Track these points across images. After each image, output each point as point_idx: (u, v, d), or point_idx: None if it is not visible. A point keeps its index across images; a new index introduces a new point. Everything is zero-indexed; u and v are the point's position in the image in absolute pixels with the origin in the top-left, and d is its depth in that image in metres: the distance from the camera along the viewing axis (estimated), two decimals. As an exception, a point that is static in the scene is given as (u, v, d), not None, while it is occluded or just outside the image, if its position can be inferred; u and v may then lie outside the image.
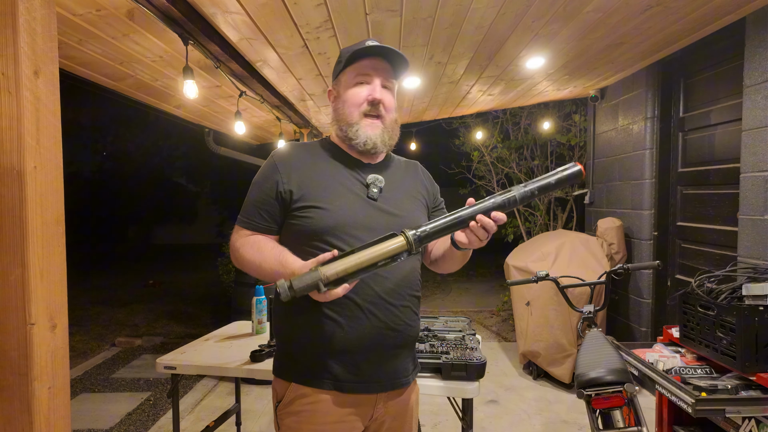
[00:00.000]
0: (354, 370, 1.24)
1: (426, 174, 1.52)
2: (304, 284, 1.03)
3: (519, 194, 1.10)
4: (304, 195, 1.25)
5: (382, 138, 1.31)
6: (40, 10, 1.09)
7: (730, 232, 2.76)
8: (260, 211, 1.29)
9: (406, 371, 1.33)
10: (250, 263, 1.26)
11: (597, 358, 1.92)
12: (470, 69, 3.26)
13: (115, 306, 7.17)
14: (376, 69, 1.31)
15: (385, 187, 1.31)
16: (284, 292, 1.03)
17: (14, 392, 1.06)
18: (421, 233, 1.07)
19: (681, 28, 2.65)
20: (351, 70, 1.32)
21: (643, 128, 3.54)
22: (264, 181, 1.31)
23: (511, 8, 2.26)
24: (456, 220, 1.09)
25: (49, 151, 1.12)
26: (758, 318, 1.69)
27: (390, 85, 1.34)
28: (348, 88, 1.32)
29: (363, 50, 1.28)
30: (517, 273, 3.79)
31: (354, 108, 1.30)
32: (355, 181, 1.31)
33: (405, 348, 1.32)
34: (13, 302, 1.05)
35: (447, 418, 3.20)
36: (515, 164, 5.41)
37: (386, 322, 1.25)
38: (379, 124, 1.31)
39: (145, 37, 2.30)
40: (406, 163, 1.50)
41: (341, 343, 1.22)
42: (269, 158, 1.35)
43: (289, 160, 1.31)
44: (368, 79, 1.31)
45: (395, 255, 1.06)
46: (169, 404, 3.58)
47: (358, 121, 1.30)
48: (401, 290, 1.29)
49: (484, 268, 9.80)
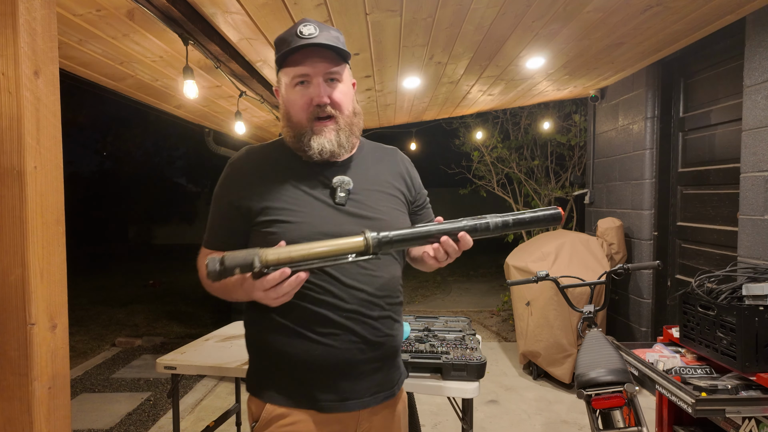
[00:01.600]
0: (333, 388, 1.14)
1: (406, 163, 1.36)
2: (237, 261, 0.94)
3: (492, 223, 1.05)
4: (265, 208, 1.14)
5: (338, 141, 1.16)
6: (40, 10, 1.09)
7: (730, 232, 2.76)
8: (219, 228, 1.21)
9: (390, 383, 1.23)
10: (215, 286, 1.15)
11: (597, 358, 1.92)
12: (470, 69, 3.26)
13: (115, 306, 7.17)
14: (314, 64, 1.14)
15: (354, 188, 1.18)
16: (213, 267, 0.93)
17: (14, 392, 1.06)
18: (382, 237, 0.99)
19: (681, 28, 2.65)
20: (288, 68, 1.16)
21: (643, 128, 3.54)
22: (222, 195, 1.21)
23: (511, 8, 2.26)
24: (423, 234, 1.04)
25: (49, 151, 1.12)
26: (758, 318, 1.69)
27: (335, 75, 1.16)
28: (288, 91, 1.17)
29: (291, 50, 1.13)
30: (517, 273, 3.80)
31: (300, 113, 1.16)
32: (319, 186, 1.18)
33: (387, 360, 1.21)
34: (13, 302, 1.05)
35: (447, 418, 3.20)
36: (515, 164, 5.41)
37: (365, 336, 1.14)
38: (332, 126, 1.16)
39: (145, 37, 2.30)
40: (382, 152, 1.33)
41: (318, 361, 1.13)
42: (225, 170, 1.24)
43: (245, 171, 1.20)
44: (307, 78, 1.15)
45: (347, 252, 0.98)
46: (169, 404, 3.58)
47: (308, 127, 1.16)
48: (379, 300, 1.17)
49: (484, 268, 9.81)
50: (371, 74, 3.25)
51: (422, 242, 1.05)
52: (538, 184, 5.36)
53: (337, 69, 1.17)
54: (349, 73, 1.23)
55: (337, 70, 1.17)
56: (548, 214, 1.07)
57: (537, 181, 5.39)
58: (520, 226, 1.07)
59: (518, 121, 5.45)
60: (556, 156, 5.35)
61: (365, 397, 1.17)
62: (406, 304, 6.89)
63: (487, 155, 5.53)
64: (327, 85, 1.16)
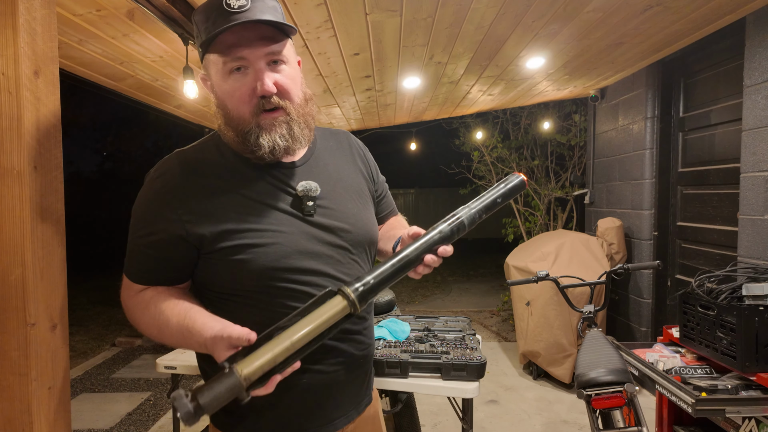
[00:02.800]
0: (320, 413, 1.03)
1: (361, 147, 1.20)
2: (218, 397, 0.74)
3: (467, 217, 0.95)
4: (224, 232, 0.93)
5: (291, 135, 0.96)
6: (40, 10, 1.09)
7: (730, 232, 2.76)
8: (150, 261, 0.96)
9: (368, 388, 1.15)
10: (147, 327, 0.95)
11: (597, 358, 1.92)
12: (470, 69, 3.26)
13: (115, 306, 7.16)
14: (252, 45, 0.91)
15: (321, 193, 1.01)
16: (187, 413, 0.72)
17: (14, 392, 1.05)
18: (364, 289, 0.84)
19: (681, 28, 2.65)
20: (217, 53, 0.93)
21: (643, 128, 3.54)
22: (152, 220, 0.95)
23: (511, 8, 2.26)
24: (404, 263, 0.90)
25: (49, 151, 1.12)
26: (758, 318, 1.69)
27: (279, 55, 0.95)
28: (222, 80, 0.95)
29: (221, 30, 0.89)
30: (517, 273, 3.79)
31: (241, 107, 0.94)
32: (282, 195, 0.99)
33: (369, 369, 1.14)
34: (13, 302, 1.05)
35: (447, 418, 3.20)
36: (515, 164, 5.41)
37: (351, 353, 1.04)
38: (282, 117, 0.96)
39: (145, 37, 2.30)
40: (335, 139, 1.15)
41: (304, 389, 1.00)
42: (154, 180, 0.98)
43: (186, 186, 0.95)
44: (245, 63, 0.93)
45: (335, 325, 0.83)
46: (169, 404, 3.58)
47: (253, 123, 0.95)
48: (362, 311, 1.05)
49: (484, 268, 9.81)
50: (371, 74, 3.24)
51: (406, 271, 0.91)
52: (538, 184, 5.36)
53: (279, 48, 0.94)
54: (293, 50, 1.01)
55: (279, 50, 0.94)
56: (513, 185, 1.02)
57: (537, 181, 5.39)
58: (493, 209, 0.99)
59: (518, 121, 5.45)
60: (556, 156, 5.35)
61: (350, 410, 1.08)
62: (406, 304, 6.89)
63: (487, 155, 5.53)
64: (270, 69, 0.94)
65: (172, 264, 0.97)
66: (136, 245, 0.99)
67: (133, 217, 1.00)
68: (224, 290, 0.98)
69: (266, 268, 0.93)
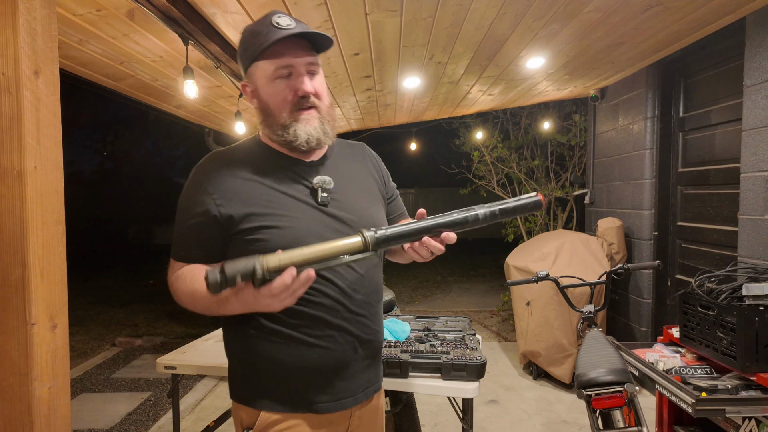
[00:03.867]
0: (329, 389, 1.14)
1: (374, 156, 1.37)
2: (239, 270, 0.89)
3: (481, 213, 1.05)
4: (249, 215, 1.09)
5: (323, 130, 1.15)
6: (40, 10, 1.09)
7: (730, 232, 2.76)
8: (192, 240, 1.13)
9: (377, 377, 1.28)
10: (183, 295, 1.10)
11: (597, 358, 1.92)
12: (470, 69, 3.26)
13: (115, 306, 7.17)
14: (296, 54, 1.11)
15: (334, 188, 1.17)
16: (214, 278, 0.88)
17: (14, 392, 1.06)
18: (380, 236, 0.99)
19: (681, 28, 2.65)
20: (265, 60, 1.11)
21: (643, 128, 3.54)
22: (193, 205, 1.12)
23: (512, 8, 2.26)
24: (420, 229, 1.02)
25: (49, 151, 1.12)
26: (758, 318, 1.69)
27: (315, 67, 1.15)
28: (268, 84, 1.13)
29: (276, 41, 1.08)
30: (518, 273, 3.80)
31: (283, 106, 1.13)
32: (300, 187, 1.15)
33: (376, 355, 1.26)
34: (13, 302, 1.05)
35: (447, 418, 3.20)
36: (515, 164, 5.41)
37: (359, 336, 1.17)
38: (316, 114, 1.14)
39: (145, 37, 2.30)
40: (351, 148, 1.33)
41: (314, 364, 1.12)
42: (193, 176, 1.16)
43: (219, 177, 1.13)
44: (290, 70, 1.11)
45: (346, 252, 0.97)
46: (170, 404, 3.58)
47: (290, 119, 1.13)
48: (370, 298, 1.19)
49: (484, 268, 9.81)
50: (371, 74, 3.24)
51: (418, 237, 1.03)
52: (538, 184, 5.36)
53: (316, 60, 1.15)
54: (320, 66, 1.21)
55: (317, 61, 1.15)
56: (530, 201, 1.08)
57: (537, 181, 5.39)
58: (506, 215, 1.07)
59: (518, 121, 5.45)
60: (556, 156, 5.35)
61: (358, 393, 1.19)
62: (406, 304, 6.89)
63: (487, 155, 5.53)
64: (309, 76, 1.14)
65: (207, 243, 1.12)
66: (178, 230, 1.15)
67: (179, 207, 1.16)
68: None
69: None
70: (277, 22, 1.09)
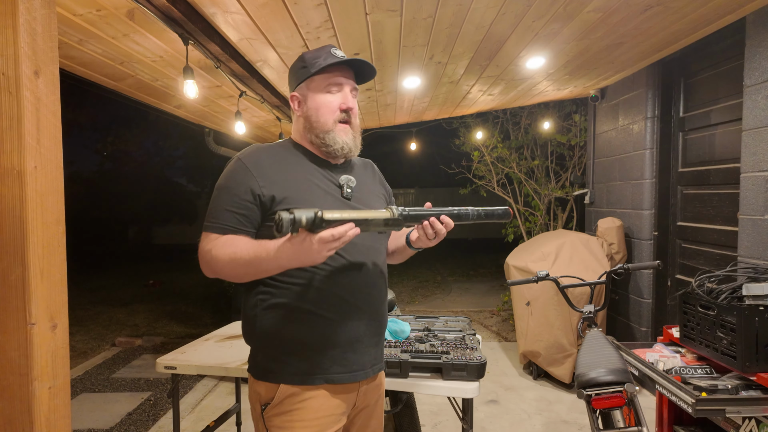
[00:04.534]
0: (343, 362, 1.29)
1: (380, 174, 1.59)
2: (305, 214, 1.03)
3: (472, 211, 1.30)
4: (285, 198, 1.26)
5: (354, 142, 1.38)
6: (40, 10, 1.09)
7: (730, 232, 2.76)
8: (235, 215, 1.26)
9: (382, 355, 1.44)
10: (222, 259, 1.21)
11: (597, 358, 1.92)
12: (470, 69, 3.26)
13: (115, 306, 7.17)
14: (347, 76, 1.37)
15: (355, 187, 1.38)
16: (287, 218, 1.01)
17: (14, 392, 1.06)
18: (403, 210, 1.19)
19: (681, 28, 2.65)
20: (322, 77, 1.35)
21: (643, 128, 3.54)
22: (237, 185, 1.28)
23: (512, 8, 2.26)
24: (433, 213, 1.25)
25: (50, 151, 1.12)
26: (758, 318, 1.70)
27: (355, 93, 1.40)
28: (319, 95, 1.35)
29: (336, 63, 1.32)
30: (518, 273, 3.80)
31: (329, 115, 1.34)
32: (328, 182, 1.35)
33: (382, 335, 1.42)
34: (13, 302, 1.05)
35: (447, 418, 3.20)
36: (515, 164, 5.41)
37: (370, 313, 1.33)
38: (350, 129, 1.37)
39: (145, 37, 2.30)
40: (363, 163, 1.55)
41: (332, 339, 1.27)
42: (237, 161, 1.33)
43: (261, 163, 1.31)
44: (339, 88, 1.35)
45: (384, 220, 1.14)
46: (170, 404, 3.58)
47: (333, 128, 1.34)
48: (379, 279, 1.37)
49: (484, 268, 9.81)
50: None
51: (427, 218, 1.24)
52: (538, 184, 5.36)
53: (357, 88, 1.41)
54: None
55: (357, 89, 1.41)
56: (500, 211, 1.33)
57: (537, 181, 5.39)
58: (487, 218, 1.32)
59: (518, 121, 5.45)
60: (556, 156, 5.35)
61: (367, 368, 1.34)
62: (406, 304, 6.89)
63: (487, 155, 5.53)
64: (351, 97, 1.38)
65: (247, 218, 1.26)
66: (219, 205, 1.27)
67: (218, 189, 1.30)
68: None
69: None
70: (334, 51, 1.34)
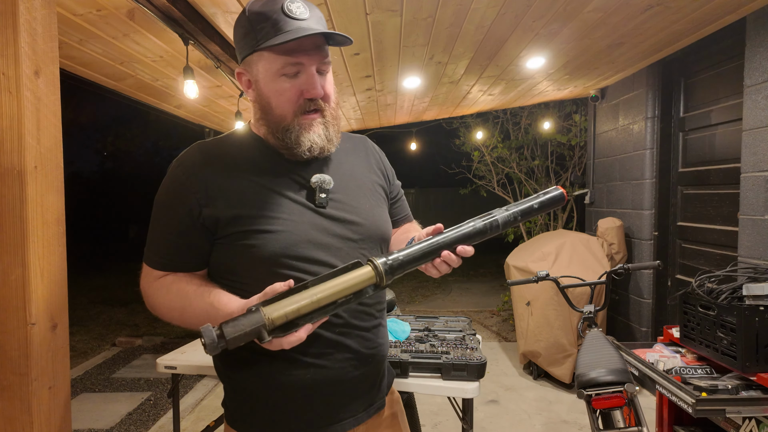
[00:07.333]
0: (328, 410, 1.03)
1: (377, 151, 1.24)
2: (241, 331, 0.77)
3: (501, 218, 0.98)
4: (236, 217, 0.97)
5: (327, 135, 1.03)
6: (40, 10, 1.09)
7: (731, 232, 2.76)
8: (174, 244, 1.00)
9: (381, 394, 1.14)
10: (168, 311, 0.99)
11: (597, 358, 1.92)
12: (470, 69, 3.25)
13: (116, 306, 7.17)
14: (309, 53, 0.97)
15: (334, 187, 1.05)
16: (211, 342, 0.76)
17: (14, 392, 1.05)
18: (392, 262, 0.88)
19: (681, 28, 2.65)
20: (273, 53, 0.97)
21: (643, 128, 3.53)
22: (174, 203, 0.99)
23: (512, 8, 2.26)
24: (434, 247, 0.93)
25: (50, 151, 1.12)
26: (759, 318, 1.69)
27: (326, 66, 1.02)
28: (272, 79, 0.99)
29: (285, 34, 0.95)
30: (518, 273, 3.79)
31: (286, 105, 1.00)
32: (296, 186, 1.03)
33: (379, 371, 1.13)
34: (13, 302, 1.05)
35: (447, 418, 3.20)
36: (515, 164, 5.41)
37: (358, 350, 1.04)
38: (319, 119, 1.02)
39: (145, 37, 2.30)
40: (352, 142, 1.19)
41: (311, 385, 1.01)
42: (175, 168, 1.02)
43: (205, 172, 0.99)
44: (299, 68, 0.98)
45: (361, 290, 0.86)
46: (170, 404, 3.58)
47: (294, 122, 1.00)
48: (371, 309, 1.07)
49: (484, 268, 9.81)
50: (371, 74, 3.24)
51: (433, 256, 0.94)
52: (539, 184, 5.36)
53: (329, 59, 1.02)
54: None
55: (329, 60, 1.02)
56: (553, 196, 1.04)
57: (537, 181, 5.39)
58: (529, 215, 1.01)
59: (518, 121, 5.45)
60: (557, 156, 5.35)
61: (359, 413, 1.08)
62: (406, 304, 6.89)
63: (487, 155, 5.53)
64: (318, 75, 1.01)
65: (191, 249, 1.01)
66: (157, 232, 1.03)
67: (155, 205, 1.03)
68: (235, 278, 1.01)
69: (275, 255, 0.96)
70: (289, 8, 0.95)
